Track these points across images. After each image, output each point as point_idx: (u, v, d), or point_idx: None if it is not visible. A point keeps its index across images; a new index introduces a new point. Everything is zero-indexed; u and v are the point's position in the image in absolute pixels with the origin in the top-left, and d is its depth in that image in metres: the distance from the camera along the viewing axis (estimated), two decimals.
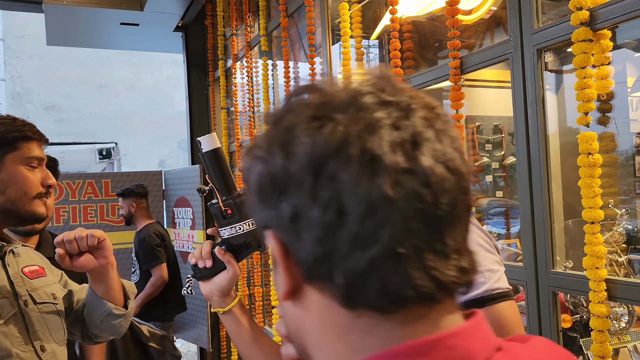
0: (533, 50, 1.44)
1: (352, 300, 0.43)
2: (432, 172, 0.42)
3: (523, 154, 1.47)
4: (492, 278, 0.94)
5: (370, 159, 0.41)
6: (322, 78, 0.51)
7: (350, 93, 0.44)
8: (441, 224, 0.43)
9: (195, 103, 4.35)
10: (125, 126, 12.24)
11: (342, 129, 0.42)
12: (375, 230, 0.41)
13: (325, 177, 0.41)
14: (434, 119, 0.44)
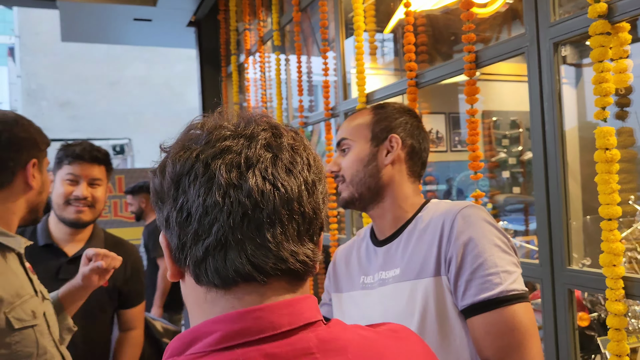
0: (549, 44, 1.41)
1: (199, 279, 0.59)
2: (255, 187, 0.57)
3: (539, 150, 1.45)
4: (507, 279, 0.95)
5: (209, 178, 0.57)
6: (206, 117, 0.65)
7: (209, 130, 0.61)
8: (261, 224, 0.57)
9: (208, 98, 4.36)
10: (138, 123, 12.33)
11: (194, 155, 0.59)
12: (209, 228, 0.57)
13: (181, 190, 0.59)
14: (277, 147, 0.60)
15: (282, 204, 0.58)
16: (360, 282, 1.16)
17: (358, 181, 1.13)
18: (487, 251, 0.97)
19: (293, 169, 0.61)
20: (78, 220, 1.75)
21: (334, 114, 2.56)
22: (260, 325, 0.56)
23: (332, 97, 2.60)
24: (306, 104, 2.96)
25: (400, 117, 1.17)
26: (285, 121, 3.20)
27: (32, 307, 1.19)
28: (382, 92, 2.17)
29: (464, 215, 1.02)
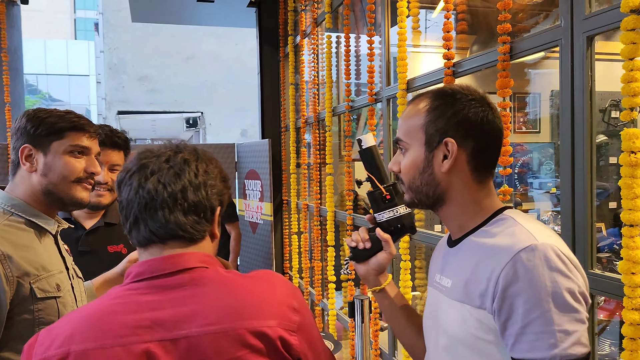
0: (583, 38, 1.34)
1: (132, 242, 1.00)
2: (152, 187, 0.96)
3: (567, 148, 1.40)
4: (564, 341, 0.85)
5: (130, 183, 0.98)
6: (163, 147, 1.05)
7: (140, 153, 1.02)
8: (156, 209, 0.96)
9: (267, 78, 4.44)
10: (210, 96, 12.73)
11: (126, 170, 1.00)
12: (130, 213, 0.97)
13: (120, 192, 1.00)
14: (173, 161, 0.99)
15: (168, 196, 0.96)
16: (434, 279, 1.13)
17: (415, 188, 1.06)
18: (542, 306, 0.86)
19: (181, 175, 0.98)
20: (99, 204, 1.86)
21: (377, 99, 2.55)
22: (152, 268, 0.96)
23: (377, 82, 2.58)
24: (354, 87, 2.96)
25: (459, 112, 1.01)
26: (334, 104, 3.22)
27: (58, 281, 1.31)
28: (422, 80, 2.14)
29: (520, 261, 0.89)
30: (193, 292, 0.94)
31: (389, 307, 1.23)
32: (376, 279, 1.21)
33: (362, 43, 3.10)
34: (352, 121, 2.99)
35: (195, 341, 0.91)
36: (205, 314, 0.92)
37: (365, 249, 1.18)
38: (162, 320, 0.92)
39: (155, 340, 0.90)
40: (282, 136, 4.38)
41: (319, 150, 3.47)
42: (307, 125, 3.78)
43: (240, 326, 0.91)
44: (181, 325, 0.91)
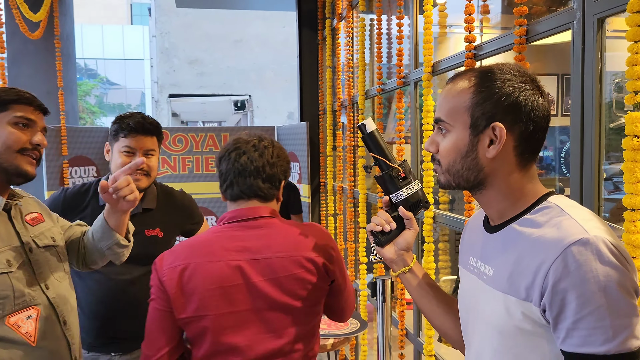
0: (593, 20, 1.33)
1: (226, 198, 1.47)
2: (243, 162, 1.43)
3: (576, 130, 1.40)
4: (618, 336, 0.84)
5: (229, 158, 1.46)
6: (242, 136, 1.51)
7: (235, 139, 1.49)
8: (245, 176, 1.43)
9: (306, 62, 4.50)
10: (258, 79, 12.90)
11: (225, 149, 1.48)
12: (227, 178, 1.45)
13: (220, 165, 1.47)
14: (257, 146, 1.46)
15: (254, 169, 1.43)
16: (469, 262, 1.11)
17: (455, 172, 1.01)
18: (595, 301, 0.84)
19: (262, 155, 1.45)
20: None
21: (405, 82, 2.57)
22: (240, 215, 1.43)
23: (405, 65, 2.60)
24: (385, 70, 2.98)
25: (509, 94, 0.95)
26: (368, 86, 3.24)
27: (8, 257, 1.33)
28: (446, 63, 2.15)
29: (571, 256, 0.86)
30: (266, 231, 1.42)
31: (418, 288, 1.23)
32: (404, 259, 1.23)
33: (393, 25, 3.10)
34: (383, 104, 3.01)
35: (269, 261, 1.39)
36: (275, 246, 1.41)
37: (391, 230, 1.21)
38: (248, 247, 1.40)
39: (244, 259, 1.38)
40: (320, 119, 4.44)
41: (352, 132, 3.51)
42: (343, 108, 3.82)
43: (299, 254, 1.41)
44: (260, 251, 1.39)
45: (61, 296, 1.46)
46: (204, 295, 1.35)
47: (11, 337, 1.30)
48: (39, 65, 4.33)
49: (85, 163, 4.54)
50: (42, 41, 4.04)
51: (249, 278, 1.37)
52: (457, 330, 1.18)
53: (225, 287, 1.36)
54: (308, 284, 1.41)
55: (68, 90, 4.42)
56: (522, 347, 0.94)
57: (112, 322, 1.93)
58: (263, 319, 1.38)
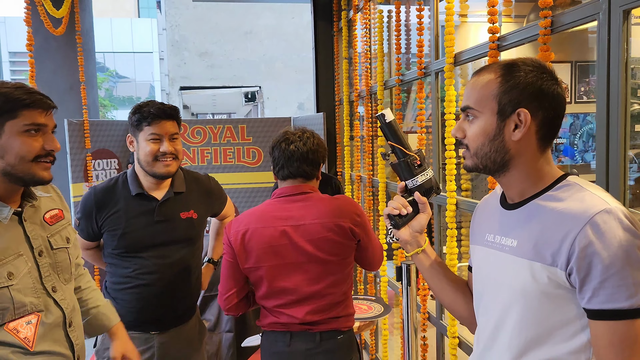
0: (619, 12, 1.39)
1: (278, 178, 1.94)
2: (292, 149, 1.87)
3: (602, 117, 1.46)
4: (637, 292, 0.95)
5: (280, 147, 1.90)
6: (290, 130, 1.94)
7: (284, 132, 1.95)
8: (293, 160, 1.87)
9: (321, 53, 4.55)
10: (268, 71, 12.94)
11: (276, 139, 1.93)
12: (279, 162, 1.90)
13: (274, 152, 1.92)
14: (301, 137, 1.91)
15: (300, 155, 1.87)
16: (485, 238, 1.20)
17: (483, 155, 1.11)
18: (619, 262, 0.95)
19: (306, 144, 1.89)
20: (168, 174, 1.99)
21: (426, 73, 2.62)
22: (288, 191, 1.91)
23: (426, 55, 2.65)
24: (403, 61, 3.03)
25: (533, 83, 1.06)
26: (386, 77, 3.30)
27: (11, 269, 1.32)
28: (468, 53, 2.20)
29: (596, 224, 0.97)
30: (306, 203, 1.89)
31: (430, 268, 1.34)
32: (417, 241, 1.32)
33: (412, 16, 3.15)
34: (402, 94, 3.07)
35: (307, 227, 1.86)
36: (312, 215, 1.86)
37: (407, 214, 1.30)
38: (291, 216, 1.87)
39: (289, 225, 1.86)
40: (336, 109, 4.50)
41: (371, 123, 3.57)
42: (360, 99, 3.88)
43: (329, 221, 1.85)
44: (301, 219, 1.86)
45: (68, 298, 1.48)
46: (259, 252, 1.85)
47: (9, 342, 1.32)
48: (61, 60, 4.42)
49: (107, 156, 4.64)
50: (63, 37, 4.12)
51: (292, 239, 1.85)
52: (466, 307, 1.31)
53: (275, 246, 1.85)
54: (337, 243, 1.87)
55: (89, 85, 4.51)
56: (545, 309, 1.05)
57: (151, 304, 2.01)
58: (304, 269, 1.86)
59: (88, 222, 2.02)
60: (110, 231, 2.00)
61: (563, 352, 1.04)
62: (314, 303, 1.87)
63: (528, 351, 1.08)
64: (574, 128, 4.73)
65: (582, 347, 1.03)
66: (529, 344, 1.08)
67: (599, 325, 0.98)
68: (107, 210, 2.01)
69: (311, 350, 1.88)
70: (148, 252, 1.99)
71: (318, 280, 1.87)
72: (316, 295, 1.87)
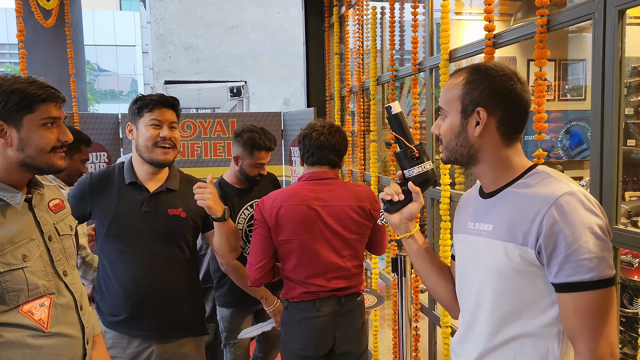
0: (615, 11, 1.45)
1: (306, 164, 2.25)
2: (321, 139, 2.18)
3: (597, 114, 1.52)
4: (600, 265, 1.06)
5: (310, 137, 2.21)
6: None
7: (311, 123, 2.28)
8: (322, 149, 2.20)
9: (312, 48, 4.57)
10: (254, 65, 12.90)
11: (306, 130, 2.25)
12: (309, 150, 2.21)
13: (304, 141, 2.23)
14: (330, 128, 2.23)
15: (328, 145, 2.19)
16: (466, 227, 1.31)
17: (452, 149, 1.26)
18: (581, 238, 1.06)
19: (334, 135, 2.22)
20: (165, 161, 2.00)
21: (420, 69, 2.67)
22: (317, 175, 2.21)
23: (420, 52, 2.70)
24: (397, 58, 3.08)
25: (491, 85, 1.19)
26: (379, 73, 3.35)
27: (25, 251, 1.36)
28: (464, 50, 2.26)
29: (560, 205, 1.09)
30: (333, 187, 2.19)
31: (417, 252, 1.44)
32: (407, 227, 1.42)
33: (406, 13, 3.20)
34: (396, 89, 3.12)
35: (334, 207, 2.16)
36: (338, 198, 2.17)
37: (399, 201, 1.39)
38: (320, 197, 2.16)
39: (318, 205, 2.15)
40: (327, 105, 4.54)
41: (363, 118, 3.62)
42: (352, 94, 3.92)
43: (353, 203, 2.18)
44: (329, 200, 2.16)
45: (77, 283, 1.53)
46: (293, 226, 2.12)
47: (25, 324, 1.36)
48: (51, 52, 4.38)
49: (96, 149, 4.61)
50: (52, 29, 4.10)
51: (322, 217, 2.14)
52: (446, 290, 1.44)
53: (307, 222, 2.13)
54: (359, 223, 2.21)
55: (78, 77, 4.49)
56: (519, 286, 1.16)
57: (136, 298, 2.00)
58: (330, 243, 2.16)
59: (79, 204, 2.03)
60: (100, 217, 2.02)
61: (536, 325, 1.15)
62: (339, 272, 2.20)
63: (505, 325, 1.19)
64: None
65: (553, 320, 1.14)
66: (505, 319, 1.19)
67: (565, 297, 1.09)
68: (100, 195, 2.03)
69: (338, 312, 2.21)
70: (133, 242, 2.01)
71: (341, 253, 2.19)
72: (341, 265, 2.19)
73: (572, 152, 4.80)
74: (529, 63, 4.36)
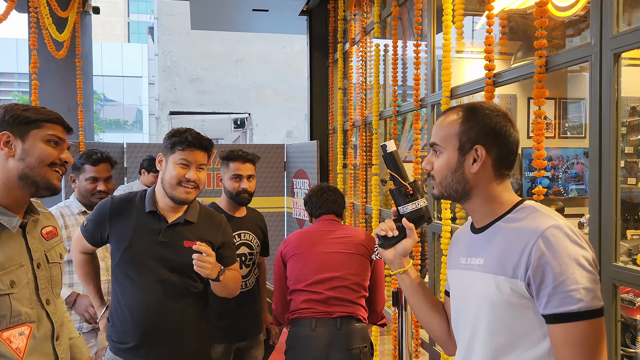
0: (610, 55, 1.50)
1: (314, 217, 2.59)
2: (326, 197, 2.56)
3: (595, 153, 1.55)
4: (588, 296, 1.07)
5: (318, 195, 2.59)
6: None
7: (317, 187, 2.65)
8: (328, 202, 2.56)
9: (316, 83, 4.67)
10: (258, 98, 13.08)
11: (312, 192, 2.64)
12: (317, 204, 2.57)
13: (311, 200, 2.59)
14: (332, 189, 2.61)
15: (333, 200, 2.58)
16: (459, 262, 1.32)
17: (446, 185, 1.26)
18: (568, 270, 1.08)
19: (335, 194, 2.64)
20: (186, 200, 2.01)
21: (422, 105, 2.73)
22: (327, 220, 2.53)
23: (422, 88, 2.76)
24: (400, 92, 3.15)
25: (488, 124, 1.23)
26: (382, 108, 3.41)
27: (13, 277, 1.37)
28: (465, 88, 2.31)
29: (547, 237, 1.11)
30: (343, 230, 2.47)
31: (410, 286, 1.45)
32: (401, 262, 1.43)
33: (408, 50, 3.28)
34: (398, 124, 3.18)
35: (348, 242, 2.43)
36: (349, 236, 2.44)
37: (393, 237, 1.40)
38: (330, 230, 2.47)
39: (327, 231, 2.47)
40: (329, 138, 4.60)
41: (365, 151, 3.66)
42: (354, 128, 3.98)
43: (360, 242, 2.42)
44: (341, 238, 2.44)
45: (59, 312, 1.53)
46: (301, 242, 2.48)
47: (2, 351, 1.36)
48: (60, 82, 4.47)
49: None
50: (63, 60, 4.19)
51: (330, 237, 2.46)
52: (439, 326, 1.43)
53: (315, 240, 2.46)
54: (360, 249, 2.44)
55: (86, 107, 4.56)
56: (511, 317, 1.18)
57: (147, 327, 2.01)
58: (335, 252, 2.42)
59: (97, 228, 2.05)
60: (116, 241, 2.03)
61: (530, 357, 1.16)
62: (338, 282, 2.45)
63: (499, 358, 1.20)
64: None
65: (546, 352, 1.15)
66: (499, 351, 1.20)
67: (555, 328, 1.11)
68: (119, 220, 2.04)
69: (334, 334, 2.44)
70: (146, 270, 2.02)
71: (346, 263, 2.45)
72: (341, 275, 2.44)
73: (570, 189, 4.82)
74: (529, 101, 4.43)
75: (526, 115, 4.41)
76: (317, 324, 2.31)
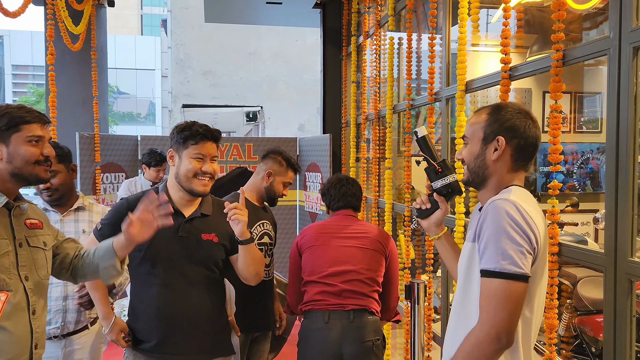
0: (629, 48, 1.48)
1: (332, 209, 2.68)
2: (345, 190, 2.60)
3: (612, 147, 1.54)
4: (504, 260, 1.29)
5: (336, 187, 2.64)
6: None
7: (335, 178, 2.71)
8: (346, 196, 2.61)
9: (329, 76, 4.66)
10: (270, 91, 13.09)
11: (330, 183, 2.69)
12: (335, 197, 2.61)
13: (330, 192, 2.66)
14: (350, 181, 2.67)
15: (351, 193, 2.61)
16: (467, 236, 1.55)
17: (471, 169, 1.51)
18: (496, 235, 1.32)
19: (353, 186, 2.67)
20: (204, 192, 2.05)
21: (437, 98, 2.72)
22: (344, 214, 2.59)
23: (437, 82, 2.75)
24: (414, 87, 3.14)
25: (510, 119, 1.45)
26: (395, 102, 3.40)
27: None
28: (480, 82, 2.30)
29: (493, 206, 1.36)
30: (358, 225, 2.52)
31: (446, 252, 1.74)
32: (436, 230, 1.72)
33: (423, 43, 3.26)
34: (412, 118, 3.17)
35: (363, 237, 2.47)
36: (365, 232, 2.48)
37: (427, 209, 1.70)
38: (346, 225, 2.52)
39: (342, 225, 2.53)
40: (342, 131, 4.59)
41: (378, 145, 3.66)
42: (368, 122, 3.97)
43: (375, 237, 2.47)
44: (357, 234, 2.48)
45: (38, 290, 1.65)
46: (317, 234, 2.54)
47: None
48: (75, 75, 4.51)
49: (115, 170, 4.70)
50: (78, 52, 4.22)
51: (343, 232, 2.50)
52: None
53: (330, 233, 2.51)
54: (373, 251, 2.47)
55: (101, 100, 4.60)
56: (469, 279, 1.43)
57: (171, 324, 2.03)
58: (348, 246, 2.47)
59: (114, 231, 2.07)
60: None
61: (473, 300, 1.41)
62: (352, 275, 2.50)
63: (464, 300, 1.47)
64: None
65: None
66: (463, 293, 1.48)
67: (481, 281, 1.34)
68: None
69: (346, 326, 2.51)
70: (168, 266, 2.04)
71: (358, 257, 2.49)
72: (354, 269, 2.51)
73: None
74: (544, 95, 4.40)
75: (541, 109, 4.38)
76: (330, 317, 2.34)
